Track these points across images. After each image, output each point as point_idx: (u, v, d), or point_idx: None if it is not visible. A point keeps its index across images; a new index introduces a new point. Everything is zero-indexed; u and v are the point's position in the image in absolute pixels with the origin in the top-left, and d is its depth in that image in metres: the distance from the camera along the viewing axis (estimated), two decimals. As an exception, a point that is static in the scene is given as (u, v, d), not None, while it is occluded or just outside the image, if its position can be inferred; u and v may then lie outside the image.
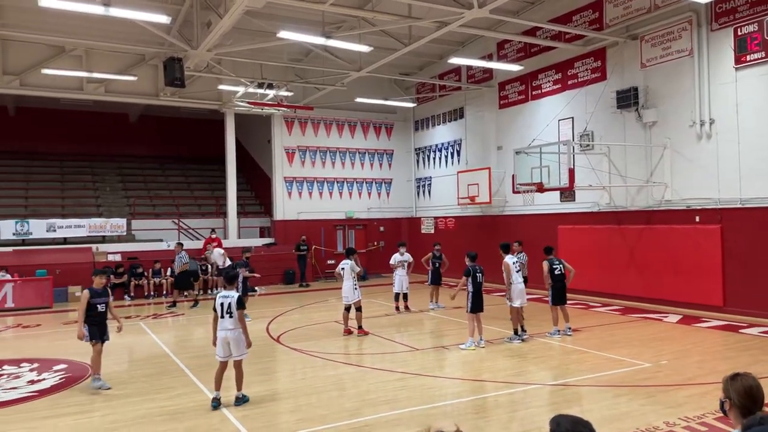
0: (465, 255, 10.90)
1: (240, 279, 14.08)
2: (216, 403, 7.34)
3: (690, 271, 13.39)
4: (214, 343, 7.59)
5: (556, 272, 11.32)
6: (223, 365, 7.51)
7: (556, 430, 2.48)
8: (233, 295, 7.54)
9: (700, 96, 13.31)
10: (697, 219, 13.43)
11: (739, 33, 12.49)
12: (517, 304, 10.99)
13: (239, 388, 7.57)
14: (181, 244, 17.16)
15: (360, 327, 11.90)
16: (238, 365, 7.53)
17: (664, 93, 14.16)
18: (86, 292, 8.41)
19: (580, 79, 16.46)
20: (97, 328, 8.41)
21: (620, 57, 15.17)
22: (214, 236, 20.20)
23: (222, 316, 7.47)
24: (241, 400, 7.51)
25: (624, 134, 15.10)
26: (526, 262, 13.27)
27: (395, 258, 14.82)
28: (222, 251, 18.06)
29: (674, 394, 7.44)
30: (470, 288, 10.46)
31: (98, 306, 8.44)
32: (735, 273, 12.55)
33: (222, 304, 7.48)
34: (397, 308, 14.78)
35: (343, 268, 12.10)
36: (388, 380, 8.54)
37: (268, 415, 7.10)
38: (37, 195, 23.05)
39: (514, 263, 11.13)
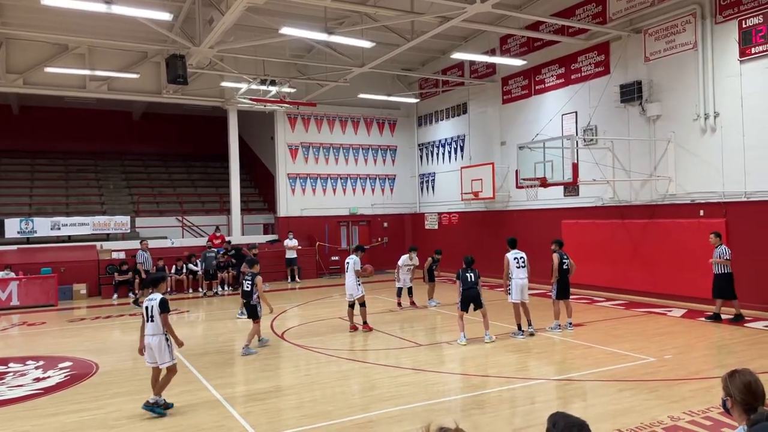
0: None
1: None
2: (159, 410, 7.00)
3: (694, 265, 13.31)
4: (141, 351, 7.24)
5: (564, 267, 11.31)
6: (155, 371, 7.14)
7: (552, 430, 2.47)
8: (156, 297, 7.17)
9: (704, 89, 13.23)
10: (702, 213, 13.37)
11: (744, 25, 12.40)
12: (513, 299, 11.00)
13: (156, 393, 7.05)
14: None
15: (365, 323, 11.91)
16: (167, 371, 7.12)
17: (668, 87, 14.09)
18: (260, 277, 10.46)
19: (583, 74, 16.38)
20: None
21: (624, 51, 15.09)
22: (218, 234, 20.25)
23: (147, 320, 7.14)
24: (153, 405, 6.93)
25: (628, 128, 15.04)
26: (729, 256, 11.55)
27: (403, 260, 14.79)
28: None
29: (679, 389, 7.41)
30: (460, 288, 10.48)
31: None
32: (740, 267, 12.46)
33: (147, 308, 7.15)
34: (399, 304, 14.79)
35: (348, 263, 12.06)
36: (393, 376, 8.55)
37: (273, 411, 7.12)
38: (41, 193, 23.14)
39: (514, 259, 11.10)
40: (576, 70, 16.63)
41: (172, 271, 19.05)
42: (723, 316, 11.85)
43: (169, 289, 18.60)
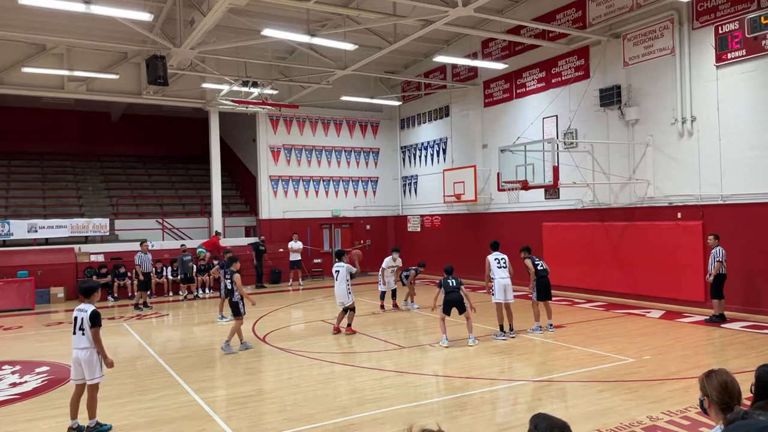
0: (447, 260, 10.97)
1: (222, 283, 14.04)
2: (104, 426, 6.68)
3: (672, 267, 13.54)
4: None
5: (539, 267, 11.40)
6: (79, 389, 6.64)
7: (534, 431, 2.49)
8: (87, 308, 6.64)
9: (681, 94, 13.45)
10: (679, 215, 13.58)
11: (720, 31, 12.64)
12: (496, 299, 11.07)
13: (90, 416, 6.64)
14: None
15: (349, 325, 11.88)
16: (90, 388, 6.64)
17: (646, 91, 14.30)
18: (238, 275, 10.75)
19: (563, 78, 16.56)
20: None
21: (603, 55, 15.29)
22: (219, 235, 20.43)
23: (74, 333, 6.65)
24: (93, 430, 6.59)
25: (607, 132, 15.23)
26: (723, 258, 11.74)
27: (387, 262, 14.79)
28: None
29: (657, 389, 7.52)
30: (442, 293, 10.56)
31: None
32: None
33: (76, 319, 6.64)
34: (383, 306, 14.79)
35: (338, 271, 11.90)
36: (375, 378, 8.54)
37: (254, 415, 7.07)
38: (17, 195, 22.73)
39: (495, 260, 11.18)
40: (556, 74, 16.81)
41: (152, 273, 18.81)
42: (700, 317, 12.04)
43: (149, 293, 18.45)
